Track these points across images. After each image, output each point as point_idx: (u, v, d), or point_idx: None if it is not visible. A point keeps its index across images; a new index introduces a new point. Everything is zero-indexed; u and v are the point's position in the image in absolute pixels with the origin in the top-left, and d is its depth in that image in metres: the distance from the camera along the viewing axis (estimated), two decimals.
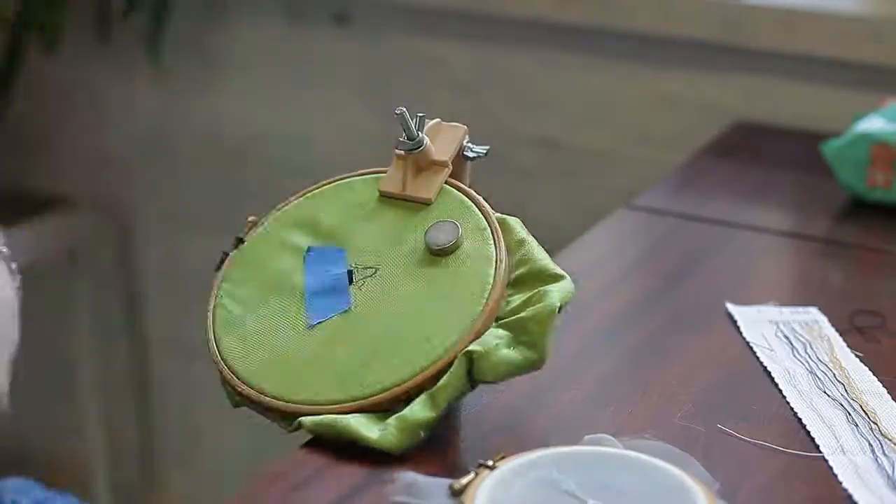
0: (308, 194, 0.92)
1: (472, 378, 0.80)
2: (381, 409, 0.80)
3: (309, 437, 0.81)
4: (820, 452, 0.80)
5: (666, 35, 1.51)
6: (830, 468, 0.78)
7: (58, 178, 1.96)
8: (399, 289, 0.84)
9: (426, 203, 0.87)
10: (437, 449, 0.80)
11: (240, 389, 0.83)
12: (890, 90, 1.35)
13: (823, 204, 1.23)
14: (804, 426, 0.83)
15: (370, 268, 0.86)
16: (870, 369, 0.90)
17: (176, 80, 1.83)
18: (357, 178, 0.91)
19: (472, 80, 1.65)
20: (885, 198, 1.20)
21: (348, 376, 0.81)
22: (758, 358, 0.92)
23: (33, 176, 1.98)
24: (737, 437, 0.81)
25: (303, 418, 0.80)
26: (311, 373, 0.82)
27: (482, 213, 0.86)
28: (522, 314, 0.80)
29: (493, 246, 0.84)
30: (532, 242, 0.85)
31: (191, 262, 1.86)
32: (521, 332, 0.80)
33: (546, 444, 0.76)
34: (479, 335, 0.80)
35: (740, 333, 0.96)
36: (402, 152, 0.88)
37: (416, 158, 0.88)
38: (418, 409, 0.79)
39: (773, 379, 0.89)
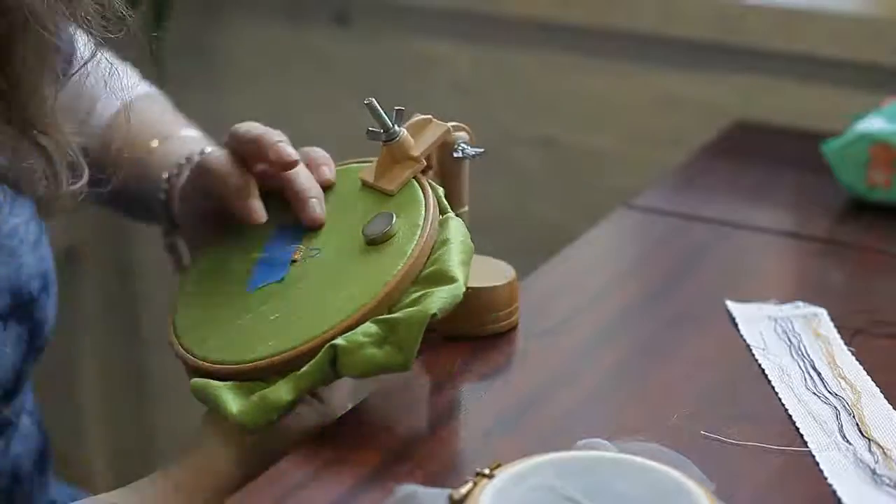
0: None
1: (336, 370, 0.80)
2: (258, 377, 0.82)
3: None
4: (808, 450, 0.80)
5: (666, 35, 1.51)
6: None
7: None
8: (324, 271, 0.86)
9: (389, 194, 0.89)
10: (437, 449, 0.80)
11: (175, 348, 0.87)
12: (890, 90, 1.35)
13: (823, 204, 1.23)
14: (797, 426, 0.83)
15: (316, 248, 0.88)
16: (866, 369, 0.90)
17: (176, 80, 1.83)
18: (355, 164, 0.94)
19: (472, 80, 1.65)
20: (885, 198, 1.20)
21: (240, 340, 0.84)
22: (756, 357, 0.92)
23: None
24: (728, 441, 0.81)
25: (194, 379, 0.83)
26: (232, 335, 0.85)
27: (424, 211, 0.87)
28: (397, 315, 0.81)
29: (413, 242, 0.85)
30: (454, 243, 0.85)
31: None
32: (392, 333, 0.80)
33: (545, 445, 0.76)
34: (356, 326, 0.81)
35: (739, 333, 0.96)
36: (380, 143, 0.90)
37: (392, 150, 0.89)
38: (279, 391, 0.80)
39: (769, 378, 0.89)
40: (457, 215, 0.90)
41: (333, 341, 0.80)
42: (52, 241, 0.95)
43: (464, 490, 0.71)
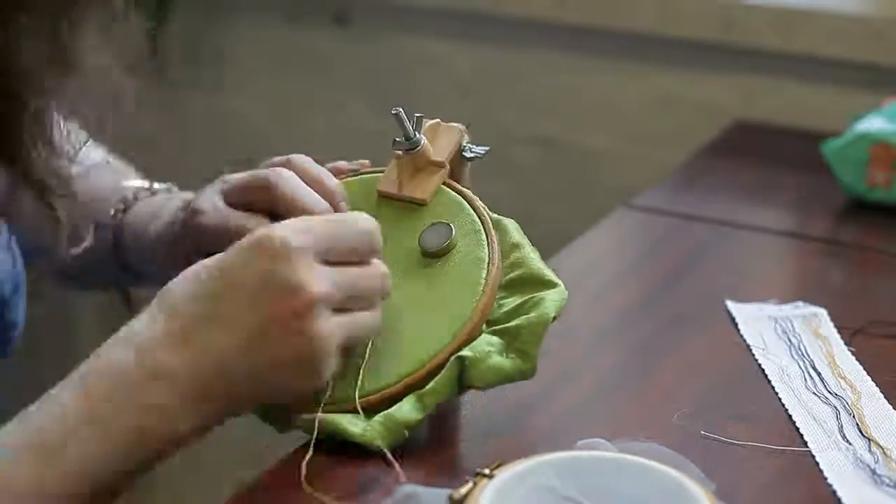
0: None
1: (462, 383, 0.80)
2: (371, 409, 0.80)
3: (308, 437, 0.81)
4: (808, 450, 0.80)
5: (666, 35, 1.51)
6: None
7: None
8: (394, 291, 0.84)
9: (422, 204, 0.87)
10: (437, 450, 0.80)
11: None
12: (890, 90, 1.35)
13: (823, 204, 1.23)
14: (797, 426, 0.83)
15: None
16: (866, 369, 0.90)
17: (176, 80, 1.83)
18: (354, 178, 0.91)
19: (472, 80, 1.65)
20: (885, 198, 1.20)
21: (342, 377, 0.81)
22: (755, 357, 0.92)
23: None
24: (728, 441, 0.81)
25: (300, 415, 0.80)
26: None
27: (477, 215, 0.86)
28: (517, 322, 0.80)
29: (486, 248, 0.84)
30: (527, 245, 0.85)
31: None
32: (514, 340, 0.80)
33: (545, 445, 0.76)
34: (469, 339, 0.80)
35: (739, 332, 0.96)
36: (400, 152, 0.88)
37: (414, 158, 0.88)
38: (406, 410, 0.79)
39: (769, 378, 0.89)
40: None
41: (459, 354, 0.79)
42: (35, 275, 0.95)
43: (464, 490, 0.71)
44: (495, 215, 0.87)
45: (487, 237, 0.84)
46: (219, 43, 1.80)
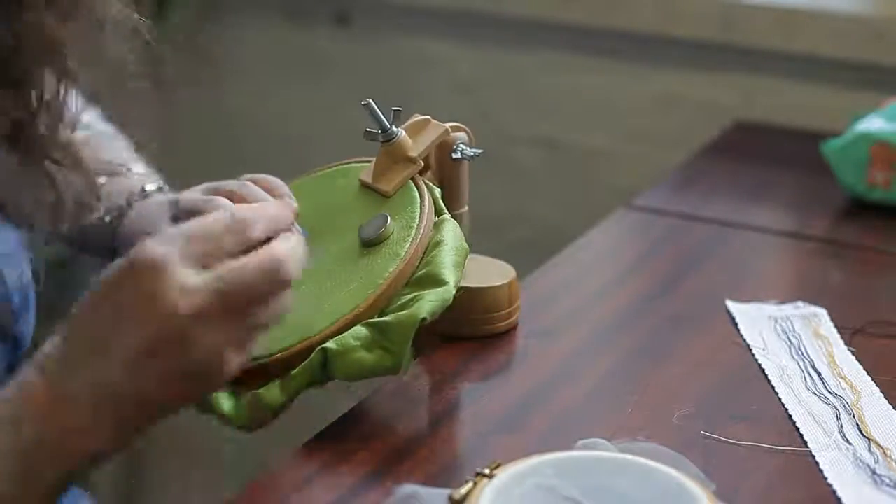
0: (309, 175, 0.95)
1: (326, 373, 0.80)
2: (251, 379, 0.80)
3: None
4: (808, 450, 0.80)
5: (666, 35, 1.51)
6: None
7: None
8: (322, 273, 0.86)
9: (386, 195, 0.89)
10: (437, 450, 0.80)
11: None
12: (890, 90, 1.35)
13: (823, 204, 1.23)
14: (797, 426, 0.83)
15: (319, 249, 0.87)
16: (866, 369, 0.90)
17: (176, 80, 1.83)
18: (355, 164, 0.94)
19: (472, 80, 1.65)
20: (885, 198, 1.20)
21: None
22: (755, 357, 0.92)
23: None
24: (728, 441, 0.81)
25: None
26: None
27: (420, 212, 0.87)
28: (387, 318, 0.81)
29: (406, 244, 0.84)
30: (447, 245, 0.85)
31: None
32: (382, 337, 0.80)
33: (545, 445, 0.76)
34: (347, 328, 0.81)
35: (739, 332, 0.96)
36: (378, 143, 0.89)
37: (391, 151, 0.89)
38: (272, 393, 0.79)
39: (769, 378, 0.89)
40: (455, 216, 0.90)
41: (324, 345, 0.80)
42: (44, 244, 0.95)
43: (464, 490, 0.71)
44: (446, 216, 0.87)
45: (416, 235, 0.85)
46: (219, 43, 1.80)
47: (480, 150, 0.92)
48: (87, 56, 0.82)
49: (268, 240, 0.71)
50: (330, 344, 0.80)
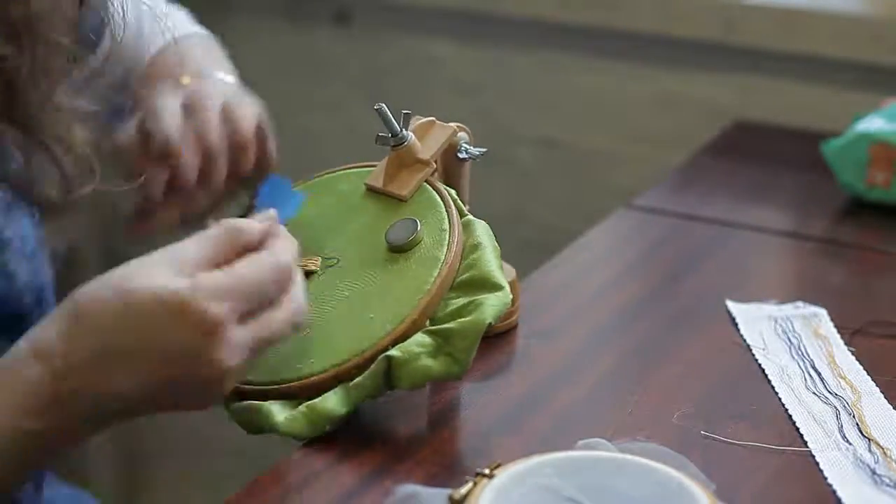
0: (307, 182, 0.94)
1: (389, 382, 0.80)
2: (301, 395, 0.80)
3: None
4: (808, 450, 0.80)
5: (666, 35, 1.51)
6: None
7: None
8: (352, 282, 0.85)
9: (402, 199, 0.88)
10: (437, 450, 0.80)
11: None
12: (890, 90, 1.35)
13: (823, 204, 1.23)
14: (797, 426, 0.83)
15: (332, 258, 0.87)
16: (866, 369, 0.90)
17: None
18: (352, 170, 0.92)
19: (472, 80, 1.65)
20: (885, 198, 1.20)
21: (281, 361, 0.81)
22: (755, 357, 0.92)
23: None
24: (728, 441, 0.81)
25: (232, 403, 0.81)
26: (269, 355, 0.82)
27: (447, 215, 0.86)
28: (451, 325, 0.80)
29: (444, 248, 0.84)
30: (488, 247, 0.84)
31: None
32: (447, 343, 0.80)
33: (545, 445, 0.76)
34: (403, 336, 0.80)
35: (739, 332, 0.96)
36: (389, 147, 0.89)
37: (401, 154, 0.89)
38: (330, 402, 0.79)
39: (769, 378, 0.89)
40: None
41: (387, 353, 0.79)
42: (50, 242, 0.95)
43: (464, 490, 0.71)
44: (469, 216, 0.87)
45: (450, 238, 0.84)
46: (219, 43, 1.80)
47: (485, 149, 0.92)
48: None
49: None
50: (394, 352, 0.79)
